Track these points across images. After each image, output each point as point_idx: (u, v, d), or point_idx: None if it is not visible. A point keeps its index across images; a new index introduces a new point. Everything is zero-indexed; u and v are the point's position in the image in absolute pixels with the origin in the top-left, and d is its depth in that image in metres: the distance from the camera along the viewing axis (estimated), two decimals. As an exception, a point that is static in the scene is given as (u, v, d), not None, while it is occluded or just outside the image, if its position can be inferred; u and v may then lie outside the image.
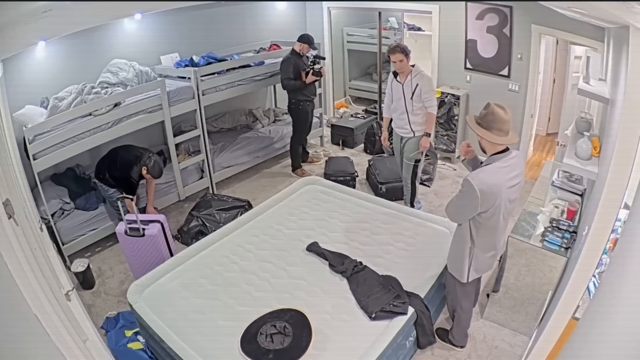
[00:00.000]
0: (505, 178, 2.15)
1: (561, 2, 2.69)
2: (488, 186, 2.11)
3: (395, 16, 6.66)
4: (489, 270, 2.63)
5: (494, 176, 2.14)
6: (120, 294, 3.39)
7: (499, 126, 2.13)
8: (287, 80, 4.62)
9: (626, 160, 1.73)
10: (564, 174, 3.17)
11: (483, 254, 2.38)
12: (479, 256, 2.38)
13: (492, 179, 2.13)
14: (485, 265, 2.46)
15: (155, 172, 3.64)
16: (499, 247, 2.46)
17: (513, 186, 2.20)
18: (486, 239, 2.33)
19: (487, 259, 2.42)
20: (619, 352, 1.17)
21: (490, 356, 2.77)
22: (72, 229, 3.70)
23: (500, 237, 2.38)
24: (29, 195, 3.21)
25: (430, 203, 4.54)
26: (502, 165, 2.16)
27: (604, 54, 3.04)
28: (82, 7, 2.44)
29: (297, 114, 4.91)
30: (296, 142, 5.16)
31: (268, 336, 2.32)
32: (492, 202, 2.14)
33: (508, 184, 2.17)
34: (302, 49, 4.65)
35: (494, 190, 2.12)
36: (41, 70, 3.82)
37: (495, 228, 2.28)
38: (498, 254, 2.50)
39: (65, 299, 2.13)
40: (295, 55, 4.66)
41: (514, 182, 2.20)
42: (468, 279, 2.44)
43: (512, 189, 2.20)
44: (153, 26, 4.62)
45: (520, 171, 2.25)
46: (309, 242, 3.12)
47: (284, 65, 4.62)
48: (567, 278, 2.15)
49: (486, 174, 2.15)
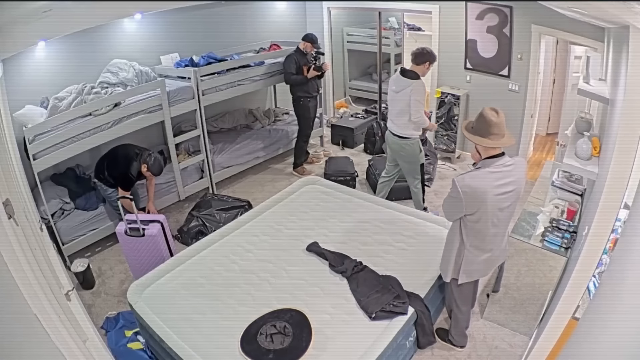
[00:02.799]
0: (493, 184, 2.12)
1: (561, 2, 2.69)
2: (472, 189, 2.12)
3: (395, 16, 6.66)
4: (484, 276, 2.61)
5: (480, 180, 2.14)
6: (120, 294, 3.39)
7: (491, 130, 2.12)
8: (289, 75, 4.74)
9: (626, 160, 1.73)
10: (564, 174, 3.17)
11: (474, 257, 2.35)
12: (469, 258, 2.35)
13: (478, 183, 2.13)
14: (478, 270, 2.42)
15: (155, 170, 3.63)
16: (495, 254, 2.40)
17: (503, 193, 2.15)
18: (475, 242, 2.31)
19: (479, 263, 2.37)
20: (619, 352, 1.17)
21: (490, 356, 2.77)
22: (72, 229, 3.70)
23: (493, 243, 2.33)
24: (29, 195, 3.21)
25: (430, 203, 4.54)
26: (491, 171, 2.14)
27: (604, 54, 3.04)
28: (82, 7, 2.45)
29: (299, 110, 4.98)
30: (300, 139, 5.21)
31: (268, 336, 2.32)
32: (477, 206, 2.14)
33: (496, 190, 2.13)
34: (305, 47, 4.76)
35: (478, 195, 2.12)
36: (41, 70, 3.82)
37: (484, 234, 2.26)
38: (495, 261, 2.47)
39: (65, 299, 2.13)
40: (299, 52, 4.76)
41: (504, 190, 2.15)
42: (459, 280, 2.43)
43: (501, 197, 2.15)
44: (153, 26, 4.62)
45: (515, 179, 2.19)
46: (309, 242, 3.12)
47: (287, 60, 4.76)
48: (567, 278, 2.15)
49: (472, 177, 2.16)
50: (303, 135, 5.17)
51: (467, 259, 2.36)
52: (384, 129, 5.72)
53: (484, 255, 2.36)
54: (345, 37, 7.18)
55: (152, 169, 3.60)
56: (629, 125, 1.72)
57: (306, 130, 5.15)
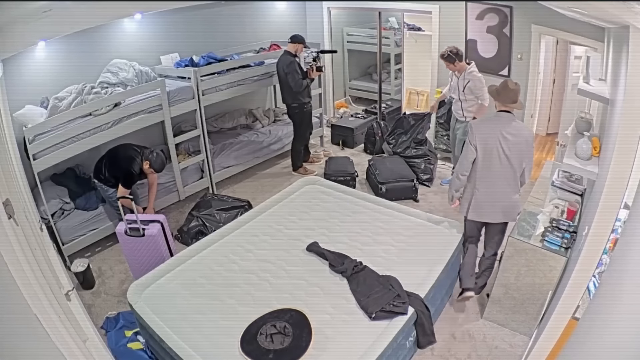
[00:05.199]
0: (498, 128, 2.69)
1: (561, 2, 2.70)
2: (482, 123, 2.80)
3: (395, 16, 6.66)
4: (492, 220, 2.91)
5: (488, 122, 2.78)
6: (120, 294, 3.39)
7: (508, 94, 2.69)
8: (300, 80, 4.63)
9: (626, 160, 1.73)
10: (564, 174, 3.17)
11: (483, 197, 2.83)
12: (478, 198, 2.84)
13: (487, 123, 2.77)
14: (484, 211, 2.86)
15: (158, 166, 3.64)
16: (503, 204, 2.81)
17: (506, 139, 2.66)
18: (483, 186, 2.81)
19: (487, 204, 2.83)
20: (619, 352, 1.17)
21: (490, 356, 2.77)
22: (72, 229, 3.70)
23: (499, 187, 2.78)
24: (29, 195, 3.21)
25: (430, 203, 4.54)
26: (497, 119, 2.74)
27: (604, 54, 3.04)
28: (82, 7, 2.44)
29: (302, 116, 4.91)
30: (299, 144, 5.15)
31: (268, 336, 2.32)
32: (484, 141, 2.70)
33: (500, 134, 2.67)
34: (297, 49, 4.66)
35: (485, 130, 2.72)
36: (41, 70, 3.82)
37: (492, 177, 2.77)
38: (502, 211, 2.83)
39: (65, 299, 2.13)
40: (292, 56, 4.66)
41: (507, 137, 2.67)
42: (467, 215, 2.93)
43: (506, 142, 2.67)
44: (153, 26, 4.62)
45: (519, 134, 2.69)
46: (309, 242, 3.12)
47: (290, 67, 4.59)
48: (567, 278, 2.15)
49: (484, 119, 2.91)
50: (302, 139, 5.13)
51: (476, 198, 2.85)
52: (384, 129, 5.73)
53: (490, 199, 2.82)
54: (345, 37, 7.18)
55: (154, 166, 3.62)
56: (629, 125, 1.72)
57: (305, 135, 5.12)
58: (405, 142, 5.09)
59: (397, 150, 5.12)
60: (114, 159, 3.64)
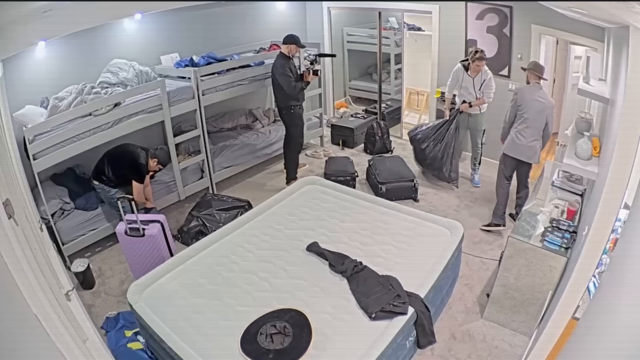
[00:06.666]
0: (531, 94, 3.65)
1: (561, 2, 2.70)
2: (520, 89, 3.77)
3: (395, 16, 6.66)
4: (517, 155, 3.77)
5: (527, 89, 3.71)
6: (120, 294, 3.39)
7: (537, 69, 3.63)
8: (294, 83, 4.40)
9: (626, 160, 1.73)
10: (564, 174, 3.17)
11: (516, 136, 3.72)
12: (513, 136, 3.76)
13: (526, 89, 3.72)
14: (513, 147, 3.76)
15: (164, 159, 3.82)
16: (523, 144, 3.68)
17: (534, 102, 3.61)
18: (516, 130, 3.74)
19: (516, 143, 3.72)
20: (619, 352, 1.17)
21: (490, 356, 2.77)
22: (72, 229, 3.70)
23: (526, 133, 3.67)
24: (29, 195, 3.21)
25: (430, 203, 4.55)
26: (533, 87, 3.67)
27: (604, 54, 3.05)
28: (82, 7, 2.44)
29: (292, 118, 4.66)
30: (293, 151, 4.89)
31: (268, 336, 2.32)
32: (521, 100, 3.67)
33: (532, 97, 3.63)
34: (290, 50, 4.43)
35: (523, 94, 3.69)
36: (41, 70, 3.82)
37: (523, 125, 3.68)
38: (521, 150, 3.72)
39: (65, 299, 2.13)
40: (286, 58, 4.46)
41: (536, 100, 3.61)
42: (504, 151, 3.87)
43: (535, 103, 3.61)
44: (153, 26, 4.62)
45: (543, 100, 3.61)
46: (309, 242, 3.12)
47: (284, 70, 4.37)
48: (567, 278, 2.15)
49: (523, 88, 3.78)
50: (296, 144, 4.85)
51: (511, 137, 3.78)
52: (384, 129, 5.73)
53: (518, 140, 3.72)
54: (345, 37, 7.19)
55: (161, 159, 3.74)
56: (629, 125, 1.72)
57: (298, 139, 4.85)
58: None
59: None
60: (117, 158, 3.64)
